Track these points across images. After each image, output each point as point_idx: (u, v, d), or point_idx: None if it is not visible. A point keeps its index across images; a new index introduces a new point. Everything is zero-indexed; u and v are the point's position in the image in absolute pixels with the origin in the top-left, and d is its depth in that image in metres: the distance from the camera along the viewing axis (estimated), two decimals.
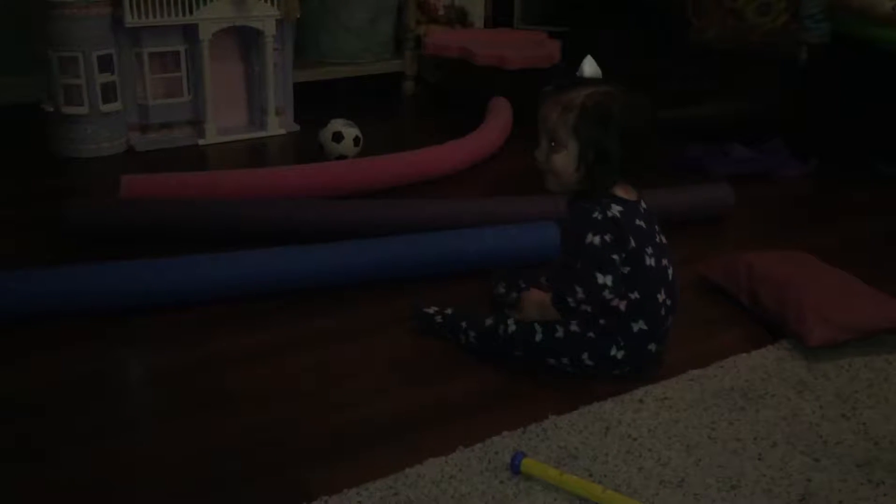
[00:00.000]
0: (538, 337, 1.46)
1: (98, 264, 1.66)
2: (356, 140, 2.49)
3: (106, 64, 2.45)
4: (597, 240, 1.40)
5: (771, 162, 2.58)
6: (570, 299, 1.42)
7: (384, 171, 2.28)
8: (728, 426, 1.37)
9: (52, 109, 2.48)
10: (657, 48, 3.16)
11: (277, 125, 2.79)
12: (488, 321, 1.52)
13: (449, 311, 1.60)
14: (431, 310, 1.62)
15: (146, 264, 1.67)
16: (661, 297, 1.45)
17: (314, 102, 3.01)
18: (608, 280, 1.38)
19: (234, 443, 1.29)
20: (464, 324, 1.55)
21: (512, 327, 1.49)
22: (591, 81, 1.43)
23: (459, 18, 3.52)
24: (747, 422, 1.38)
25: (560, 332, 1.46)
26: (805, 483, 1.24)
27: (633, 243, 1.42)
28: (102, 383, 1.44)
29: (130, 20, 2.44)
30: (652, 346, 1.47)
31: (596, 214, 1.41)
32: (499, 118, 2.75)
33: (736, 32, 3.03)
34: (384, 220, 1.94)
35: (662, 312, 1.46)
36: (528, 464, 1.23)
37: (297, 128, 2.84)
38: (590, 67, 1.45)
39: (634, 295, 1.43)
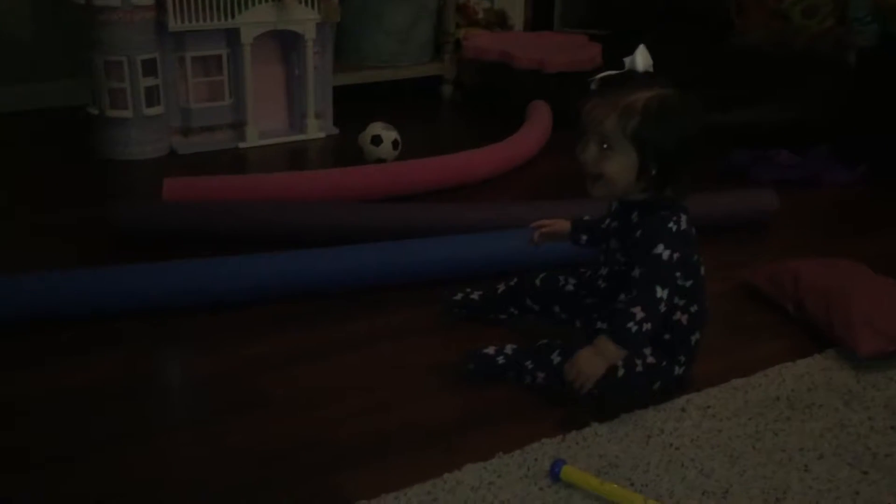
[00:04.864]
0: (620, 373, 1.35)
1: (138, 265, 1.67)
2: (395, 143, 2.49)
3: (150, 68, 2.48)
4: (666, 254, 1.32)
5: (817, 168, 2.53)
6: (630, 324, 1.31)
7: (422, 174, 2.28)
8: (773, 436, 1.34)
9: (97, 113, 2.52)
10: (700, 51, 3.12)
11: (317, 128, 2.80)
12: (556, 359, 1.40)
13: (509, 349, 1.46)
14: (490, 349, 1.47)
15: (185, 265, 1.68)
16: (707, 303, 1.44)
17: (353, 106, 3.02)
18: (664, 294, 1.32)
19: (271, 446, 1.29)
20: (529, 364, 1.43)
21: None
22: (643, 79, 1.32)
23: (499, 21, 3.51)
24: (793, 432, 1.35)
25: (640, 367, 1.38)
26: (853, 496, 1.21)
27: (695, 256, 1.39)
28: (138, 385, 1.45)
29: (174, 25, 2.47)
30: (697, 348, 1.45)
31: (671, 226, 1.34)
32: (537, 122, 2.73)
33: (781, 35, 2.98)
34: (421, 223, 1.93)
35: (708, 317, 1.44)
36: (568, 471, 1.21)
37: (336, 131, 2.85)
38: (642, 59, 1.32)
39: (694, 308, 1.40)
